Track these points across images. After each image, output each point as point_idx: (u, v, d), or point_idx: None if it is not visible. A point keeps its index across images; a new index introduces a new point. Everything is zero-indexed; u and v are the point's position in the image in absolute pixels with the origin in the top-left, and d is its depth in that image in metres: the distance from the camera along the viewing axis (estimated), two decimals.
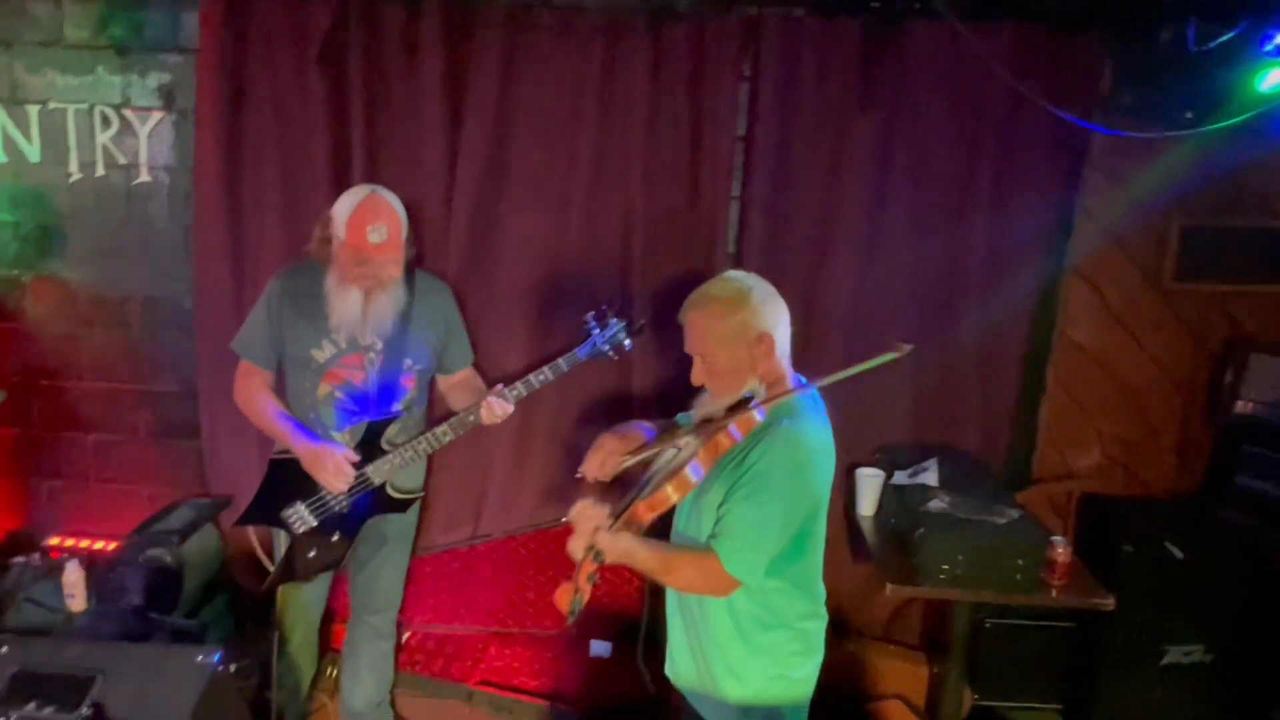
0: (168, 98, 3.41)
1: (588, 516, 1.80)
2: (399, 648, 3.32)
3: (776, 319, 1.87)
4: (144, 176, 3.48)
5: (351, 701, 2.95)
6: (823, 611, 2.01)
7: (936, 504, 2.70)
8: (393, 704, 3.06)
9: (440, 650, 3.43)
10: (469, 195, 3.24)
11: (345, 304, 2.47)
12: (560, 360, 2.56)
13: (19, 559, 3.59)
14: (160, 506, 3.54)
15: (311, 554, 2.59)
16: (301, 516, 2.56)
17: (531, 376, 2.55)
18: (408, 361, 2.60)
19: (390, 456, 2.55)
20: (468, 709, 3.18)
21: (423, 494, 2.88)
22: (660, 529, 1.97)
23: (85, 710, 1.58)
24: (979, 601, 2.64)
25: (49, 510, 3.84)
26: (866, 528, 2.93)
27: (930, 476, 2.89)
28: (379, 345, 2.57)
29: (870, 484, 2.97)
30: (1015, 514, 2.66)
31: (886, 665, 3.23)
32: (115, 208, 3.52)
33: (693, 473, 1.79)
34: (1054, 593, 2.50)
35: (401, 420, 2.62)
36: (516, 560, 3.57)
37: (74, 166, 3.48)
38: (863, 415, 3.17)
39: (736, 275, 1.95)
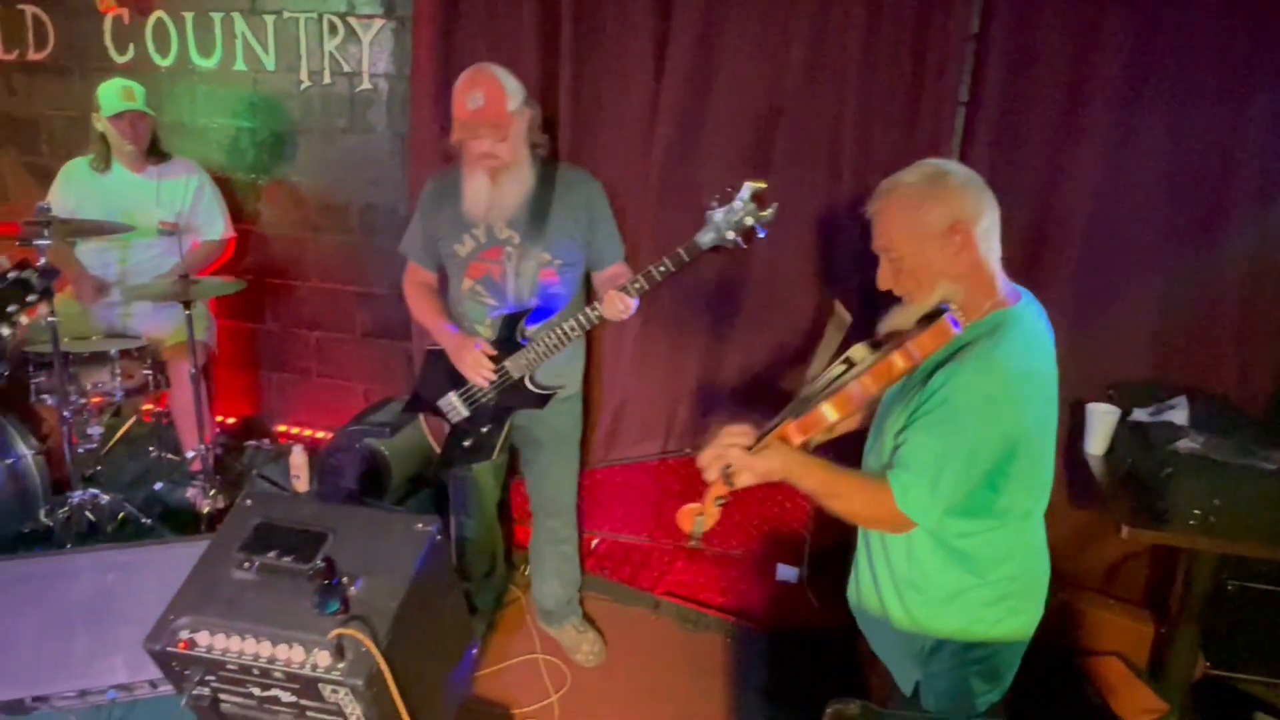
0: (388, 5, 3.50)
1: (725, 434, 1.61)
2: (586, 552, 3.38)
3: (978, 209, 1.58)
4: (366, 84, 3.61)
5: (541, 599, 3.02)
6: (1031, 566, 1.74)
7: (1187, 444, 2.39)
8: (581, 604, 3.11)
9: (628, 559, 3.46)
10: (674, 108, 3.14)
11: (473, 190, 2.48)
12: (679, 249, 2.38)
13: (251, 442, 3.92)
14: (373, 402, 3.76)
15: (467, 443, 2.65)
16: (455, 406, 2.63)
17: (651, 268, 2.39)
18: (546, 255, 2.56)
19: (525, 350, 2.53)
20: (654, 617, 3.20)
21: (570, 392, 2.79)
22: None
23: (319, 562, 1.65)
24: (1236, 554, 2.33)
25: (276, 400, 4.17)
26: (1096, 467, 2.65)
27: (1178, 415, 2.56)
28: (516, 239, 2.54)
29: (1103, 420, 2.68)
30: None
31: (1105, 619, 2.96)
32: (340, 115, 3.69)
33: (856, 393, 1.55)
34: None
35: (552, 317, 2.60)
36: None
37: (304, 74, 3.66)
38: (1092, 349, 2.87)
39: (934, 160, 1.68)
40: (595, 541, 3.50)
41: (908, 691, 1.81)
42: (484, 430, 2.61)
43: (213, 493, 3.28)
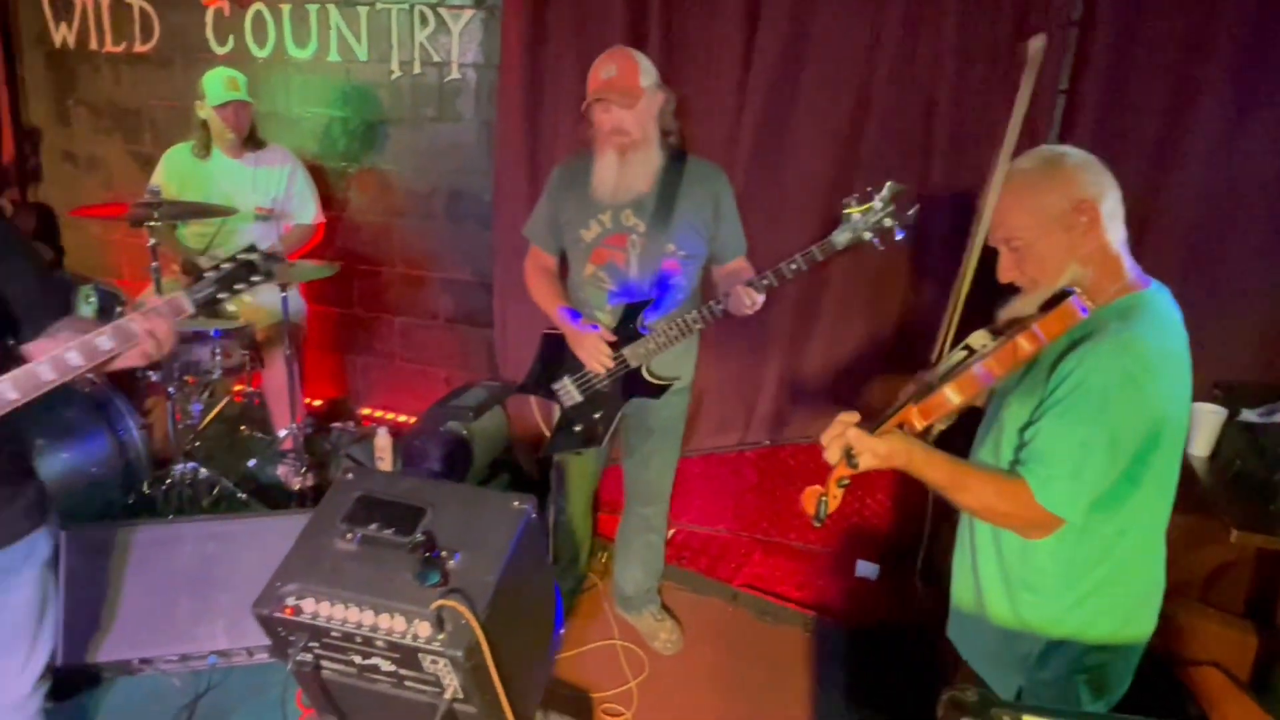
0: None
1: (845, 417, 1.56)
2: (666, 541, 3.38)
3: (1101, 188, 1.52)
4: (454, 73, 3.67)
5: (623, 586, 3.04)
6: (1153, 572, 1.65)
7: None
8: (659, 593, 3.12)
9: (705, 550, 3.45)
10: (762, 88, 3.12)
11: (602, 168, 2.49)
12: (814, 247, 2.33)
13: (336, 424, 4.02)
14: (454, 387, 3.82)
15: (577, 428, 2.66)
16: (568, 390, 2.64)
17: (783, 265, 2.36)
18: (670, 246, 2.55)
19: (645, 340, 2.54)
20: (731, 609, 3.18)
21: (684, 384, 2.79)
22: None
23: (419, 536, 1.68)
24: None
25: (361, 384, 4.27)
26: (1200, 469, 2.55)
27: None
28: (641, 227, 2.54)
29: (1209, 421, 2.57)
30: None
31: (1204, 629, 2.84)
32: (429, 104, 3.75)
33: (980, 375, 1.49)
34: None
35: (672, 308, 2.59)
36: (785, 471, 3.50)
37: (395, 64, 3.73)
38: (1196, 348, 2.75)
39: (1049, 145, 1.63)
40: (673, 531, 3.50)
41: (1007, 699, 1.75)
42: (596, 416, 2.63)
43: (303, 471, 3.37)
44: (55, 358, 1.53)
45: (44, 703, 1.88)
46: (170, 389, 3.08)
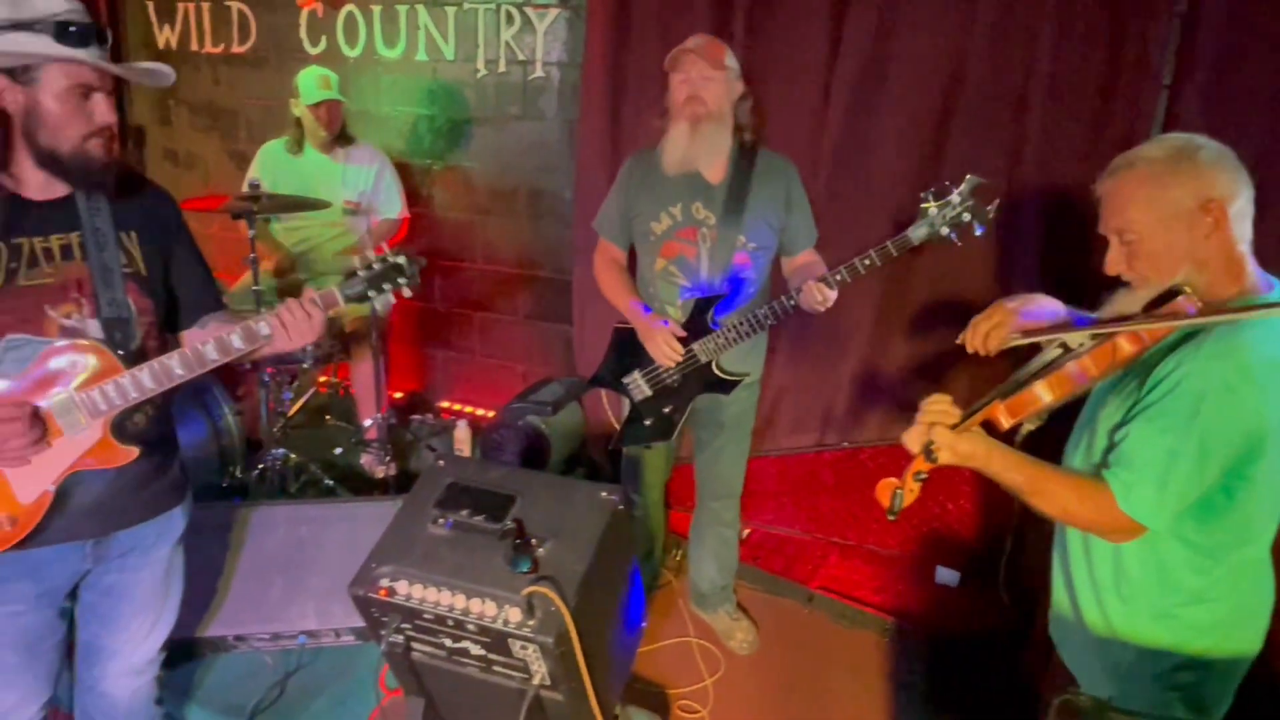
0: None
1: (930, 408, 1.52)
2: (741, 540, 3.36)
3: (1233, 187, 1.42)
4: (538, 72, 3.71)
5: (698, 583, 3.03)
6: (1258, 590, 1.56)
7: None
8: (734, 592, 3.10)
9: (780, 550, 3.42)
10: (847, 85, 3.08)
11: (673, 139, 2.49)
12: (889, 243, 2.29)
13: (416, 416, 4.10)
14: (531, 383, 3.86)
15: (647, 421, 2.66)
16: (639, 385, 2.64)
17: (856, 260, 2.32)
18: (741, 239, 2.53)
19: (715, 335, 2.52)
20: (807, 611, 3.15)
21: (754, 379, 2.77)
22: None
23: (509, 523, 1.71)
24: None
25: (440, 377, 4.35)
26: None
27: None
28: (712, 220, 2.53)
29: None
30: None
31: None
32: (513, 103, 3.80)
33: (1075, 374, 1.46)
34: None
35: (742, 302, 2.58)
36: (863, 474, 3.45)
37: (481, 63, 3.80)
38: None
39: (1177, 134, 1.52)
40: (747, 531, 3.47)
41: None
42: (665, 411, 2.63)
43: (386, 460, 3.45)
44: (220, 339, 1.64)
45: (158, 672, 1.99)
46: (264, 377, 3.19)
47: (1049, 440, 1.79)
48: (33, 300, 1.59)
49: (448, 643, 1.74)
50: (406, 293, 1.84)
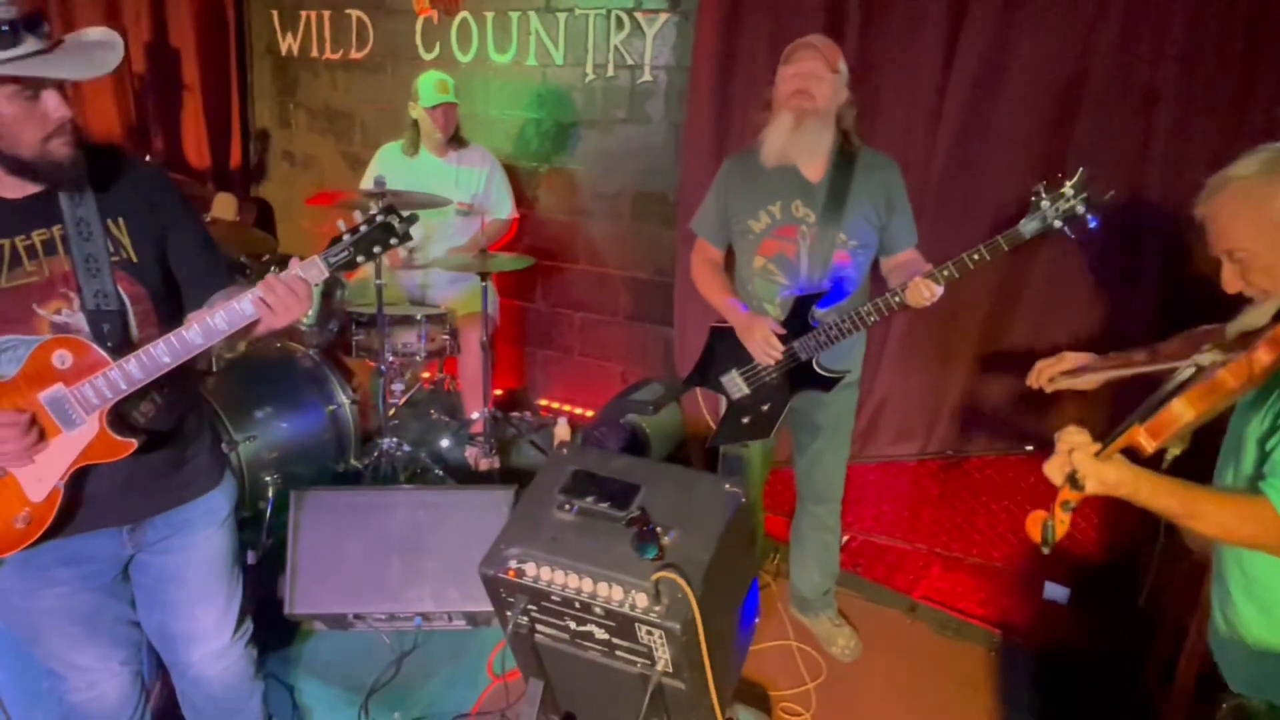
0: (674, 0, 3.62)
1: (1068, 437, 1.50)
2: (841, 546, 3.33)
3: None
4: (646, 76, 3.76)
5: (799, 587, 3.01)
6: None
7: None
8: (835, 598, 3.07)
9: (881, 559, 3.38)
10: (961, 95, 3.04)
11: (775, 129, 2.47)
12: (999, 237, 2.22)
13: (515, 413, 4.19)
14: (629, 384, 3.90)
15: (745, 420, 2.65)
16: (736, 383, 2.64)
17: (965, 255, 2.26)
18: (842, 236, 2.51)
19: (815, 333, 2.50)
20: (909, 620, 3.09)
21: (854, 378, 2.73)
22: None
23: (635, 510, 1.73)
24: None
25: (540, 376, 4.43)
26: None
27: None
28: (812, 218, 2.51)
29: None
30: None
31: None
32: (619, 106, 3.86)
33: (1214, 387, 1.41)
34: None
35: (842, 300, 2.56)
36: (968, 483, 3.39)
37: (589, 68, 3.87)
38: None
39: (1268, 145, 1.50)
40: (847, 538, 3.44)
41: None
42: (764, 409, 2.63)
43: (491, 453, 3.53)
44: (204, 323, 1.57)
45: (248, 649, 2.01)
46: (382, 366, 3.31)
47: (1196, 465, 1.74)
48: (19, 300, 1.55)
49: (572, 626, 1.78)
50: (403, 254, 1.66)
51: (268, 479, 2.96)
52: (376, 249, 1.64)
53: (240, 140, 4.96)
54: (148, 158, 4.41)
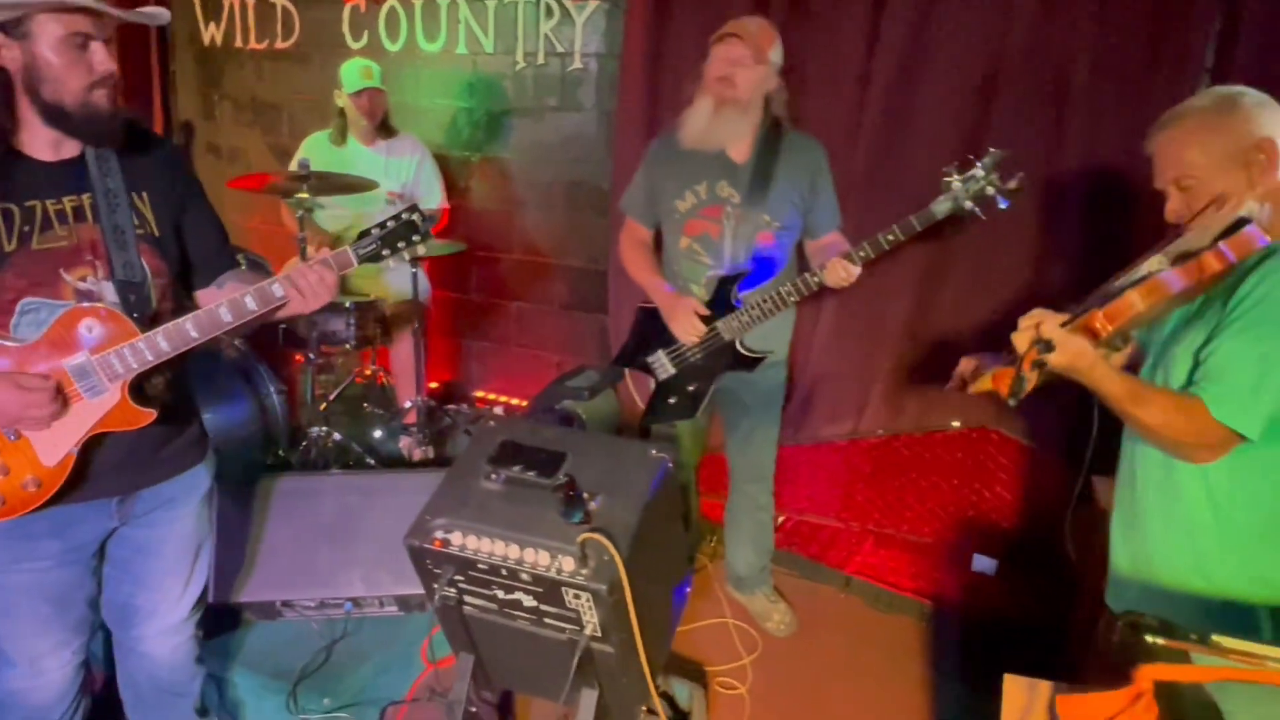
0: None
1: (1035, 313, 1.56)
2: (776, 527, 3.37)
3: (1278, 127, 1.51)
4: (577, 64, 3.76)
5: (735, 566, 3.04)
6: None
7: None
8: (770, 575, 3.11)
9: (815, 537, 3.42)
10: (885, 79, 3.10)
11: (695, 112, 2.51)
12: (912, 217, 2.31)
13: (452, 405, 4.15)
14: (567, 370, 3.89)
15: (672, 400, 2.68)
16: (663, 363, 2.66)
17: (880, 236, 2.34)
18: (766, 217, 2.55)
19: (739, 313, 2.53)
20: (843, 595, 3.15)
21: (779, 358, 2.78)
22: None
23: (561, 478, 1.73)
24: None
25: (476, 367, 4.40)
26: None
27: None
28: (737, 199, 2.55)
29: None
30: None
31: None
32: (551, 95, 3.86)
33: (1169, 281, 1.49)
34: None
35: (766, 281, 2.59)
36: (898, 461, 3.45)
37: (520, 56, 3.86)
38: None
39: (1219, 86, 1.61)
40: (782, 519, 3.48)
41: None
42: (690, 389, 2.65)
43: (424, 444, 3.49)
44: (233, 301, 1.62)
45: (196, 630, 2.01)
46: (310, 355, 3.25)
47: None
48: (47, 263, 1.58)
49: (500, 594, 1.77)
50: (420, 250, 1.80)
51: None
52: (401, 244, 1.74)
53: (163, 133, 4.83)
54: None
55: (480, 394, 4.35)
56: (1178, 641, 1.03)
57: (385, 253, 1.74)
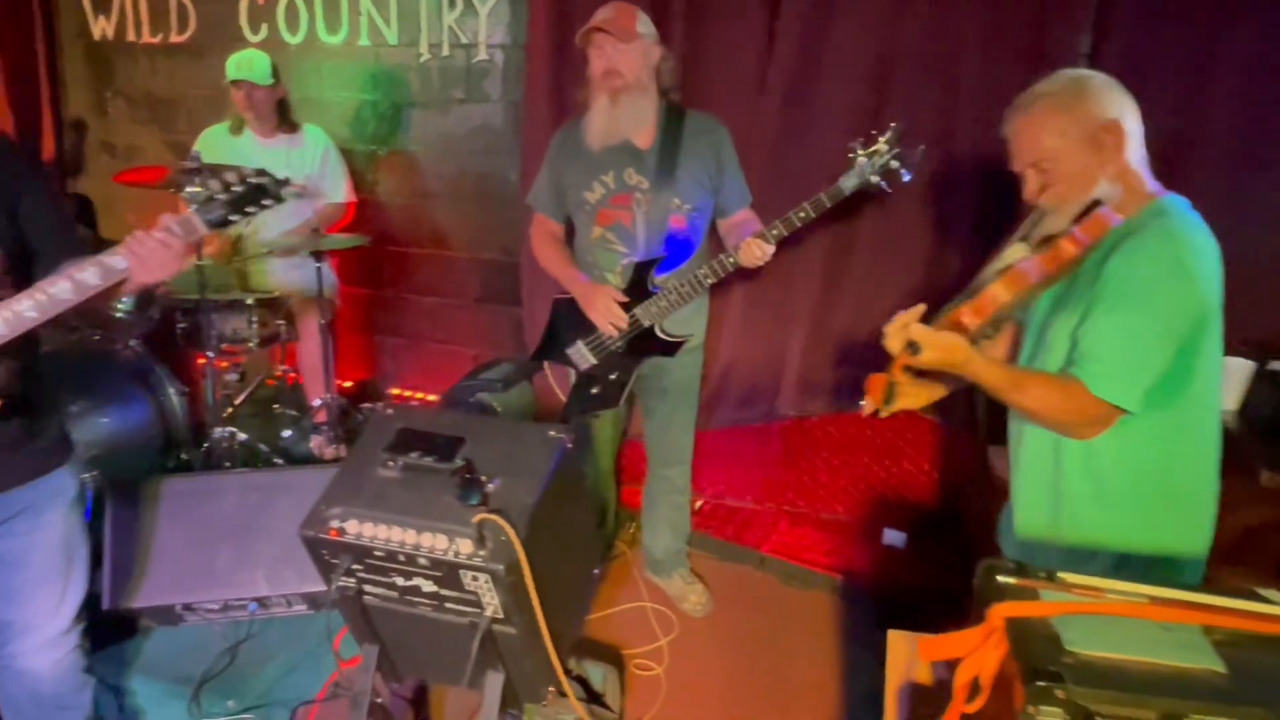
0: None
1: (903, 316, 1.58)
2: (693, 511, 3.40)
3: (1125, 108, 1.58)
4: (482, 55, 3.74)
5: (652, 550, 3.06)
6: (1212, 470, 1.64)
7: None
8: (687, 558, 3.14)
9: (731, 519, 3.47)
10: (787, 59, 3.15)
11: (594, 113, 2.53)
12: (822, 194, 2.37)
13: (366, 405, 4.08)
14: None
15: (594, 390, 2.69)
16: (583, 354, 2.67)
17: (791, 214, 2.39)
18: (676, 201, 2.58)
19: (656, 298, 2.56)
20: (759, 574, 3.20)
21: (697, 342, 2.82)
22: None
23: (459, 462, 1.73)
24: None
25: (390, 364, 4.33)
26: (1230, 422, 2.55)
27: None
28: (645, 185, 2.57)
29: (1237, 373, 2.57)
30: None
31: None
32: (456, 86, 3.82)
33: (1028, 271, 1.52)
34: None
35: (681, 264, 2.62)
36: (811, 443, 3.52)
37: (424, 47, 3.81)
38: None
39: (1065, 70, 1.67)
40: (699, 503, 3.52)
41: None
42: (611, 378, 2.66)
43: (336, 443, 3.43)
44: (72, 277, 1.54)
45: (81, 640, 1.92)
46: (210, 354, 3.15)
47: None
48: None
49: (399, 581, 1.75)
50: (233, 238, 1.70)
51: (85, 478, 2.77)
52: (250, 208, 1.68)
53: (54, 132, 4.62)
54: None
55: (396, 391, 4.29)
56: (1028, 580, 1.08)
57: (234, 217, 1.68)
